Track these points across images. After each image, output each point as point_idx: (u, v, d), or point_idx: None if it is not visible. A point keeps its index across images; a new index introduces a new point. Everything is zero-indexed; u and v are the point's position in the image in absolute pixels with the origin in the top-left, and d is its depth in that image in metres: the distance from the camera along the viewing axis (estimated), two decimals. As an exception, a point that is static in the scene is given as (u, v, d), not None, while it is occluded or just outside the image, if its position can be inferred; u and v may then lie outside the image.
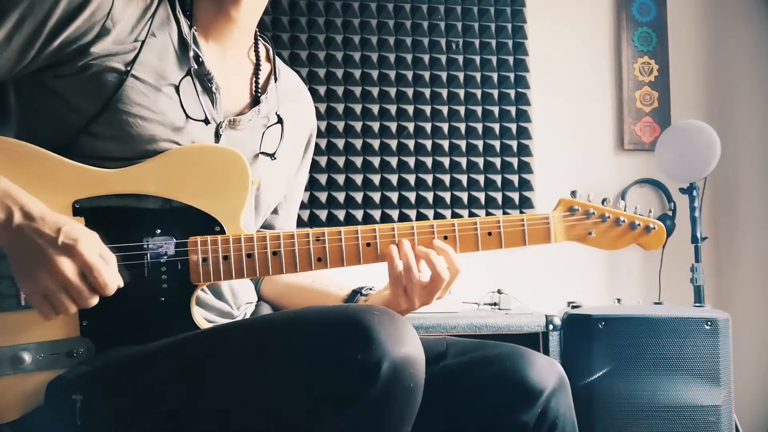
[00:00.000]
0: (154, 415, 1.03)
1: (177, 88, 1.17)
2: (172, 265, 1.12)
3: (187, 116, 1.17)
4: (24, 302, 1.08)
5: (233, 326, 1.14)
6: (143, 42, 1.15)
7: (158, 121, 1.14)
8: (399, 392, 0.96)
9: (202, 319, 1.15)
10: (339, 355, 0.95)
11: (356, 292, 1.32)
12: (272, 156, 1.28)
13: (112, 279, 1.05)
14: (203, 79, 1.21)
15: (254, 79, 1.31)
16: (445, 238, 1.21)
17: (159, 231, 1.12)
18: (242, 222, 1.16)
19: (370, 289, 1.32)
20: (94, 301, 1.04)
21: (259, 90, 1.31)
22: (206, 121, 1.19)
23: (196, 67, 1.20)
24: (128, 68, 1.13)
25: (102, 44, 1.12)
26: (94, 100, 1.12)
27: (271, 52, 1.37)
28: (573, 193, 1.30)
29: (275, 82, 1.34)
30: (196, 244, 1.12)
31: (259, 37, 1.36)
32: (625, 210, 1.31)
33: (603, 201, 1.30)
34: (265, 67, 1.34)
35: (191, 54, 1.19)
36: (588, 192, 1.31)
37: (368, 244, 1.18)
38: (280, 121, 1.29)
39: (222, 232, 1.14)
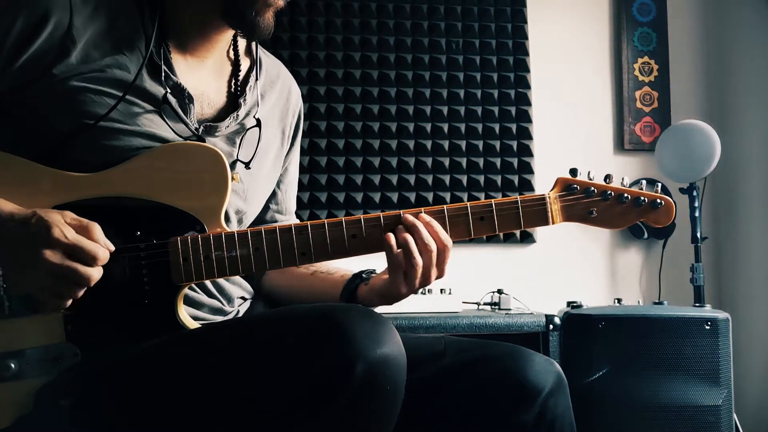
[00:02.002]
0: (141, 417, 1.03)
1: (159, 112, 1.15)
2: (153, 267, 1.10)
3: (180, 136, 1.16)
4: (9, 311, 1.07)
5: (215, 327, 1.13)
6: (112, 58, 1.13)
7: (137, 133, 1.13)
8: (375, 395, 0.94)
9: (189, 319, 1.14)
10: (311, 355, 0.93)
11: (357, 276, 1.28)
12: (247, 165, 1.24)
13: (99, 249, 1.03)
14: (175, 92, 1.18)
15: (233, 80, 1.28)
16: None
17: (139, 233, 1.11)
18: (223, 219, 1.14)
19: (372, 272, 1.28)
20: (96, 272, 1.03)
21: (238, 91, 1.27)
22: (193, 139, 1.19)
23: (169, 90, 1.17)
24: (99, 86, 1.12)
25: (66, 63, 1.10)
26: (69, 119, 1.11)
27: (252, 45, 1.33)
28: (573, 171, 1.23)
29: (256, 81, 1.30)
30: (177, 244, 1.11)
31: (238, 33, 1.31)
32: (629, 187, 1.25)
33: (606, 178, 1.23)
34: (245, 63, 1.31)
35: (163, 77, 1.16)
36: (588, 170, 1.24)
37: (354, 236, 1.15)
38: (258, 125, 1.26)
39: (203, 230, 1.12)
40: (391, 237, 1.15)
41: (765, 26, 2.97)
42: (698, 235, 2.66)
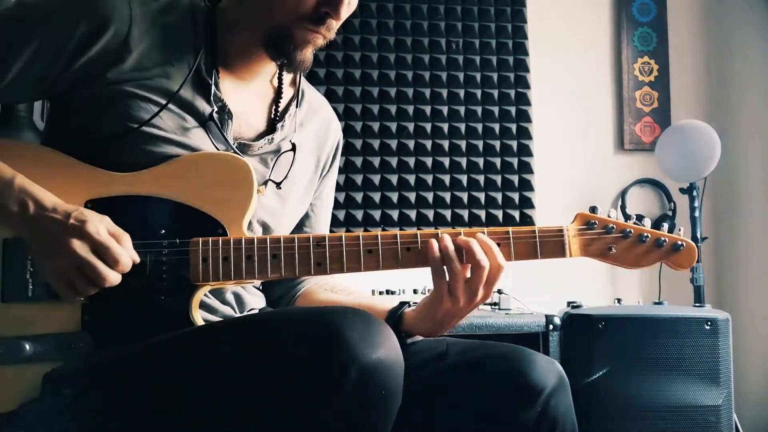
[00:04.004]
0: (138, 411, 1.04)
1: (203, 127, 1.21)
2: (173, 264, 1.14)
3: (218, 149, 1.21)
4: (32, 293, 1.12)
5: (218, 325, 1.15)
6: (162, 68, 1.18)
7: (176, 143, 1.18)
8: (369, 399, 0.93)
9: (201, 321, 1.16)
10: (304, 358, 0.93)
11: (403, 303, 1.28)
12: (278, 185, 1.29)
13: (123, 254, 1.07)
14: (217, 107, 1.23)
15: (274, 106, 1.32)
16: None
17: (164, 231, 1.14)
18: (246, 227, 1.18)
19: (414, 302, 1.28)
20: (113, 276, 1.07)
21: (277, 117, 1.31)
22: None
23: (215, 109, 1.22)
24: (146, 93, 1.17)
25: (119, 69, 1.16)
26: (114, 121, 1.16)
27: (297, 77, 1.38)
28: (593, 209, 1.23)
29: (297, 108, 1.35)
30: (198, 244, 1.14)
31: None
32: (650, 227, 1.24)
33: (626, 218, 1.23)
34: (288, 93, 1.35)
35: (212, 96, 1.22)
36: (609, 210, 1.24)
37: (370, 251, 1.17)
38: (293, 148, 1.30)
39: (224, 234, 1.16)
40: (434, 243, 1.15)
41: (765, 26, 2.97)
42: (698, 235, 2.66)
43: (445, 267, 1.15)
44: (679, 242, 1.22)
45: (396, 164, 2.83)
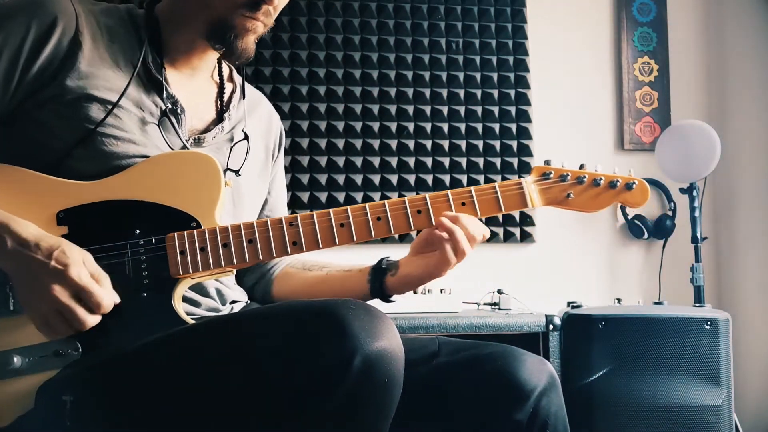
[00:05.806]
0: (140, 412, 1.04)
1: (156, 123, 1.23)
2: (152, 261, 1.15)
3: (171, 147, 1.24)
4: (13, 307, 1.11)
5: (215, 321, 1.15)
6: (113, 70, 1.21)
7: (128, 140, 1.19)
8: (372, 387, 0.96)
9: (185, 315, 1.17)
10: (310, 349, 0.95)
11: (378, 270, 1.32)
12: (237, 172, 1.32)
13: (105, 298, 1.07)
14: (170, 103, 1.26)
15: (218, 99, 1.37)
16: (419, 212, 1.23)
17: (138, 231, 1.16)
18: (217, 218, 1.20)
19: (389, 259, 1.33)
20: (92, 320, 1.07)
21: (224, 107, 1.36)
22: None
23: (170, 106, 1.25)
24: (102, 95, 1.18)
25: (73, 69, 1.17)
26: (72, 125, 1.17)
27: (234, 72, 1.43)
28: (547, 162, 1.30)
29: (242, 98, 1.39)
30: (173, 239, 1.16)
31: (222, 59, 1.40)
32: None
33: (580, 166, 1.30)
34: (228, 87, 1.40)
35: (165, 95, 1.25)
36: (562, 162, 1.31)
37: (342, 225, 1.20)
38: (246, 137, 1.34)
39: (198, 227, 1.18)
40: (444, 221, 1.23)
41: (765, 26, 2.97)
42: (698, 235, 2.67)
43: (455, 247, 1.22)
44: (632, 181, 1.30)
45: (396, 164, 2.83)
